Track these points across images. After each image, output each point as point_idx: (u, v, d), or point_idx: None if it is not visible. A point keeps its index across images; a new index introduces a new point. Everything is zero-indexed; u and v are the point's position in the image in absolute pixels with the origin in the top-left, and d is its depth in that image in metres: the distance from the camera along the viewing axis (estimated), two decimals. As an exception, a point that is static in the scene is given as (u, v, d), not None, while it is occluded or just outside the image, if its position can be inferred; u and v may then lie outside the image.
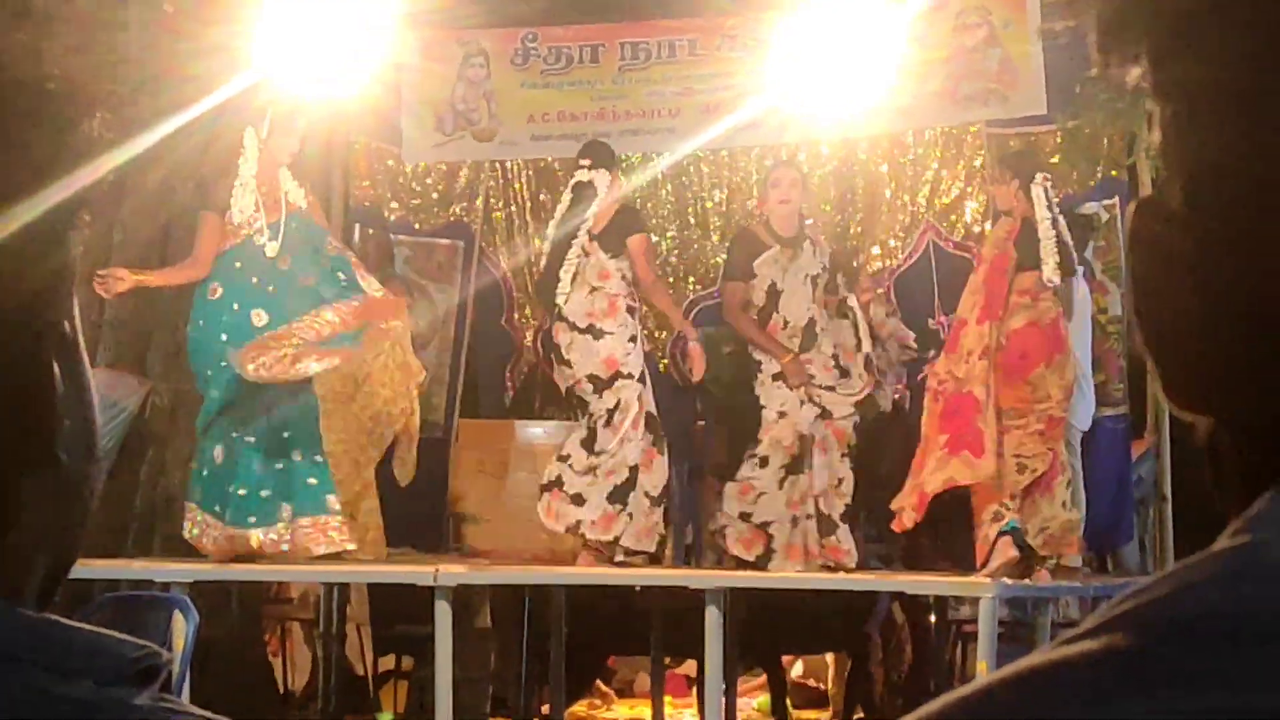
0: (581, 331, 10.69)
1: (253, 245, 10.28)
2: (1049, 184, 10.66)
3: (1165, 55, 0.84)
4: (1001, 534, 10.37)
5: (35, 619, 1.12)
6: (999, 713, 0.74)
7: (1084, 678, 0.73)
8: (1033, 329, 10.44)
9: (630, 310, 10.76)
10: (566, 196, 10.88)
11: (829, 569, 10.74)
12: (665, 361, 12.68)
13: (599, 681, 13.96)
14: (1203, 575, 0.76)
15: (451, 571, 10.45)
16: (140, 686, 1.13)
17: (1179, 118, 0.84)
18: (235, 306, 10.24)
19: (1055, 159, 12.17)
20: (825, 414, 10.76)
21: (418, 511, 12.11)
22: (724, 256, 12.13)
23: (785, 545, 10.80)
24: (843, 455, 10.80)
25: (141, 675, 1.13)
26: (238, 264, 10.27)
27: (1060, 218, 10.60)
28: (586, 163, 10.82)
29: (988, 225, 12.57)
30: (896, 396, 11.87)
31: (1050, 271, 10.40)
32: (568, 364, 10.72)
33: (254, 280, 10.27)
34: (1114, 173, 11.92)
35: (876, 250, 12.81)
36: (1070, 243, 10.62)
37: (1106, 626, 0.75)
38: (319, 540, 10.47)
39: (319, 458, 10.58)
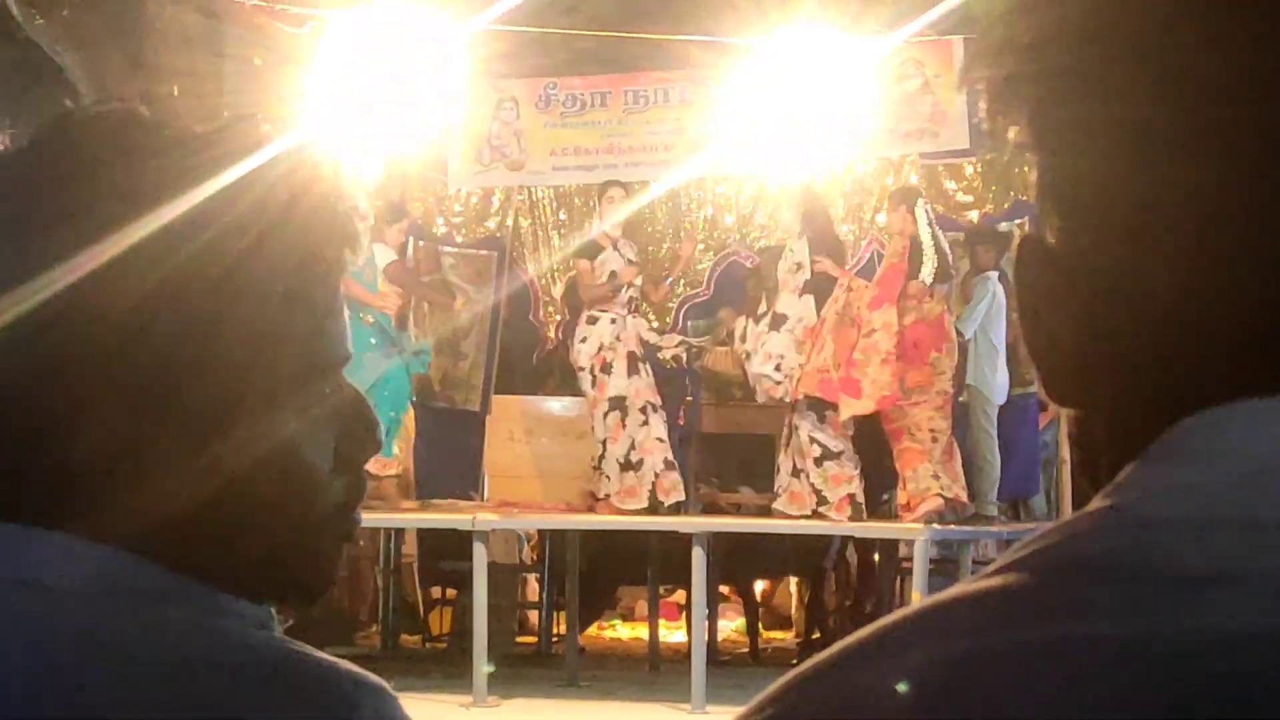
0: None
1: None
2: (928, 208, 10.91)
3: (1040, 114, 0.81)
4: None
5: (171, 574, 1.06)
6: (915, 637, 0.73)
7: (987, 607, 0.73)
8: (921, 324, 10.67)
9: None
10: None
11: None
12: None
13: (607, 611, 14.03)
14: (1080, 529, 0.76)
15: (486, 518, 10.64)
16: (269, 630, 1.10)
17: (1050, 168, 0.82)
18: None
19: (977, 185, 12.35)
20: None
21: (460, 470, 12.25)
22: (705, 265, 12.37)
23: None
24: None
25: (268, 619, 1.11)
26: None
27: (939, 234, 10.84)
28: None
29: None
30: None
31: (927, 275, 10.66)
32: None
33: None
34: (1024, 197, 11.95)
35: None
36: (948, 253, 10.86)
37: (1006, 568, 0.75)
38: None
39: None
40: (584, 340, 11.24)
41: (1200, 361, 0.77)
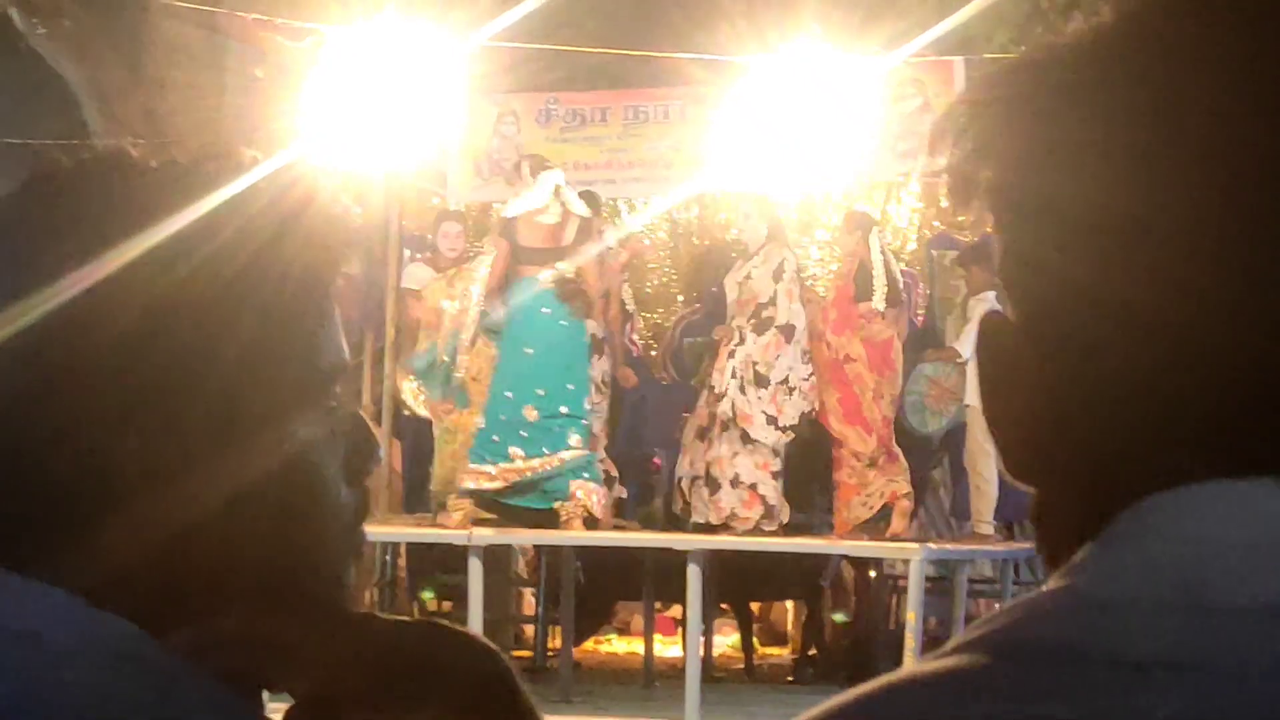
0: None
1: None
2: (881, 235, 10.96)
3: (997, 197, 0.82)
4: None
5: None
6: (870, 715, 0.74)
7: (940, 688, 0.74)
8: (866, 344, 10.77)
9: None
10: None
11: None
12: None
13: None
14: (1035, 610, 0.76)
15: (482, 533, 10.57)
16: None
17: (1010, 248, 0.82)
18: None
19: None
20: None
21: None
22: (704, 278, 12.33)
23: None
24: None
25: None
26: None
27: (892, 261, 10.88)
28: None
29: (933, 252, 12.75)
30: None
31: (879, 300, 10.72)
32: None
33: None
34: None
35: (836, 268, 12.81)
36: (899, 279, 10.94)
37: (961, 648, 0.75)
38: None
39: None
40: None
41: (1159, 443, 0.77)
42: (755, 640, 13.20)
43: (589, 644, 13.55)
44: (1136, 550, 0.76)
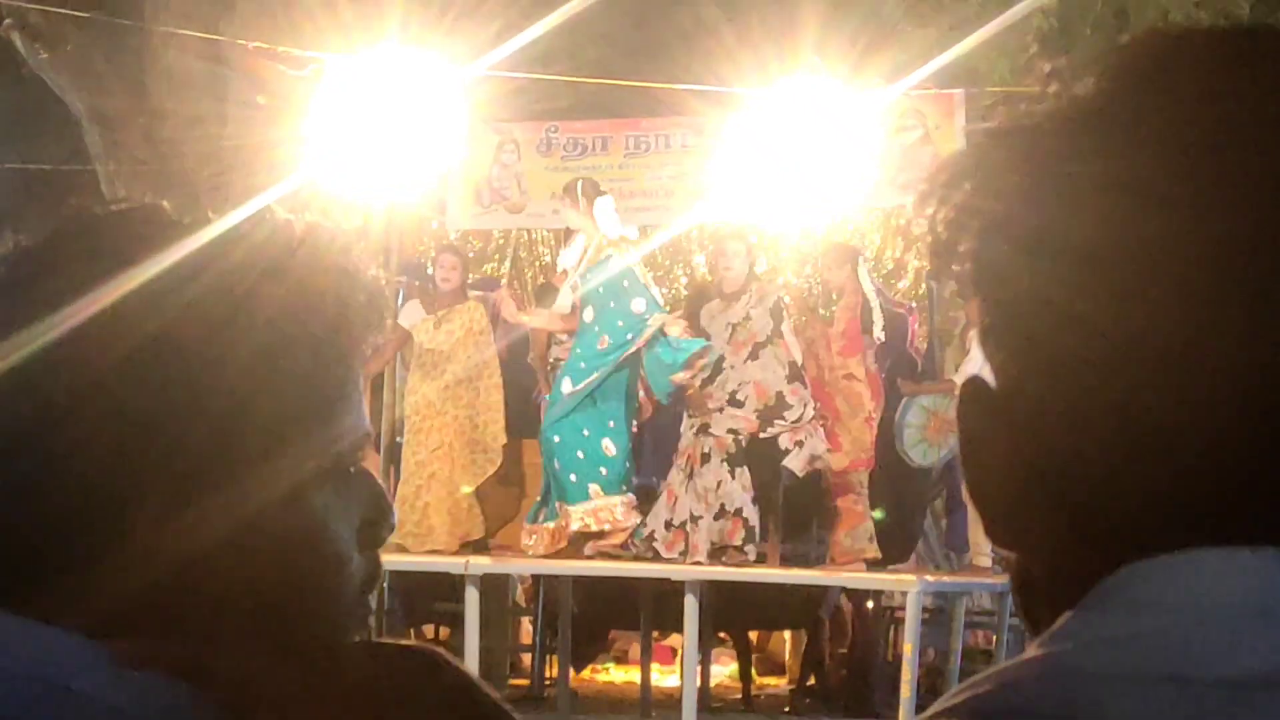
0: None
1: None
2: (868, 265, 11.00)
3: (978, 265, 0.83)
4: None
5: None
6: None
7: None
8: (868, 372, 10.86)
9: None
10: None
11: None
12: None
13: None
14: (1014, 677, 0.76)
15: (479, 562, 10.62)
16: None
17: (990, 314, 0.83)
18: None
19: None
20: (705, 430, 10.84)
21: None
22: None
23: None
24: (722, 460, 10.80)
25: None
26: None
27: (878, 291, 11.01)
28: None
29: (932, 284, 12.73)
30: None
31: (879, 332, 10.78)
32: None
33: None
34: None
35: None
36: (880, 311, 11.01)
37: (944, 714, 0.75)
38: None
39: None
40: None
41: (1138, 511, 0.78)
42: (753, 670, 13.13)
43: (586, 673, 13.50)
44: (1117, 619, 0.76)
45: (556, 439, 10.88)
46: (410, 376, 11.34)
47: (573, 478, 10.75)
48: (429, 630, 13.01)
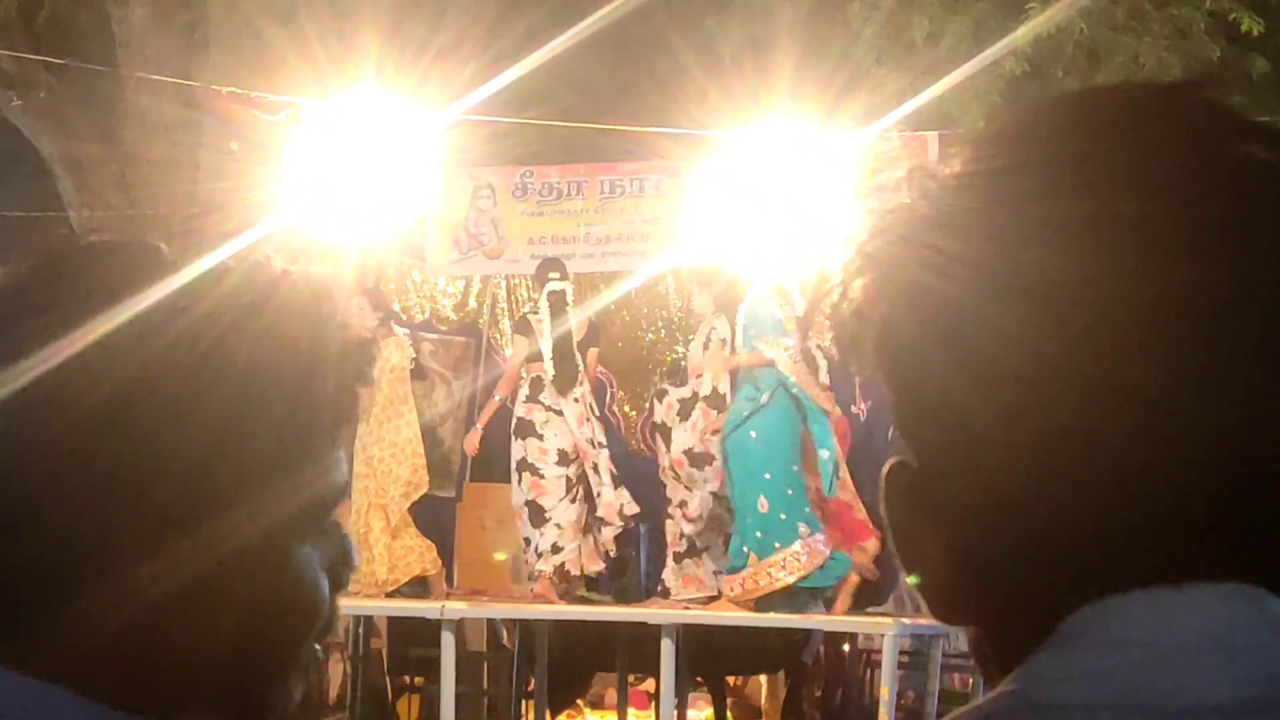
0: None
1: None
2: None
3: (883, 355, 0.85)
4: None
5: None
6: None
7: None
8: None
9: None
10: (545, 303, 11.00)
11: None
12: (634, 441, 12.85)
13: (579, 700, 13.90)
14: (983, 713, 0.79)
15: (455, 606, 10.60)
16: None
17: (900, 402, 0.85)
18: None
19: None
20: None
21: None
22: (684, 352, 12.29)
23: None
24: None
25: None
26: None
27: None
28: (557, 275, 10.97)
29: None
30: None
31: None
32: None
33: None
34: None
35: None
36: None
37: None
38: None
39: None
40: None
41: (1069, 567, 0.80)
42: (729, 714, 13.03)
43: (562, 717, 13.41)
44: (1082, 655, 0.79)
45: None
46: None
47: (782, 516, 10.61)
48: (405, 677, 12.93)
